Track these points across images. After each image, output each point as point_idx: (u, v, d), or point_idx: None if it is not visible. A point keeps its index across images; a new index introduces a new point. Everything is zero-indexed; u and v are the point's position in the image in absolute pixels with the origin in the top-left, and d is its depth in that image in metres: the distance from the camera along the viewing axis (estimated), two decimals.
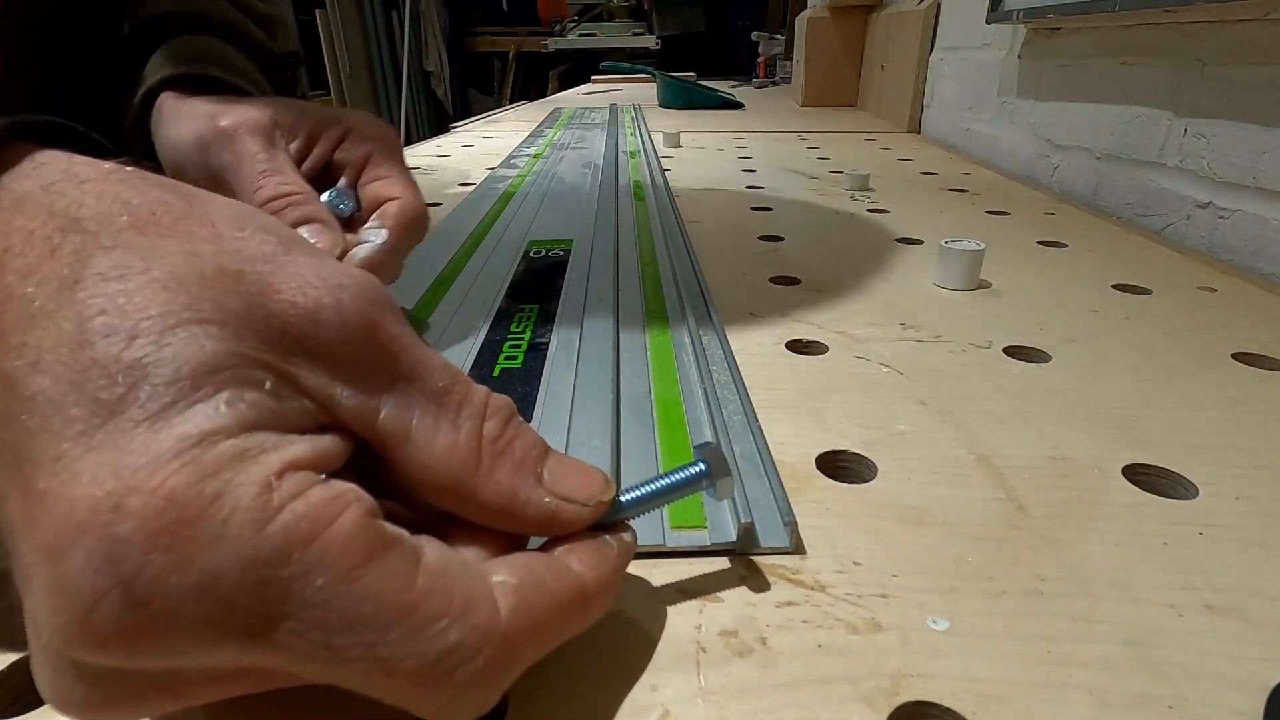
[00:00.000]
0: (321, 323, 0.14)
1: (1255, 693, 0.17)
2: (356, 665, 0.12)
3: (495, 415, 0.16)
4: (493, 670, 0.14)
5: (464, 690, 0.13)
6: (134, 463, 0.11)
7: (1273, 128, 0.51)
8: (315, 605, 0.12)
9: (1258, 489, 0.25)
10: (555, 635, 0.15)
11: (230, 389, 0.13)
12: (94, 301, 0.12)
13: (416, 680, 0.13)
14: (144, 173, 0.15)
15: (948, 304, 0.42)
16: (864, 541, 0.22)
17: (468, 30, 4.23)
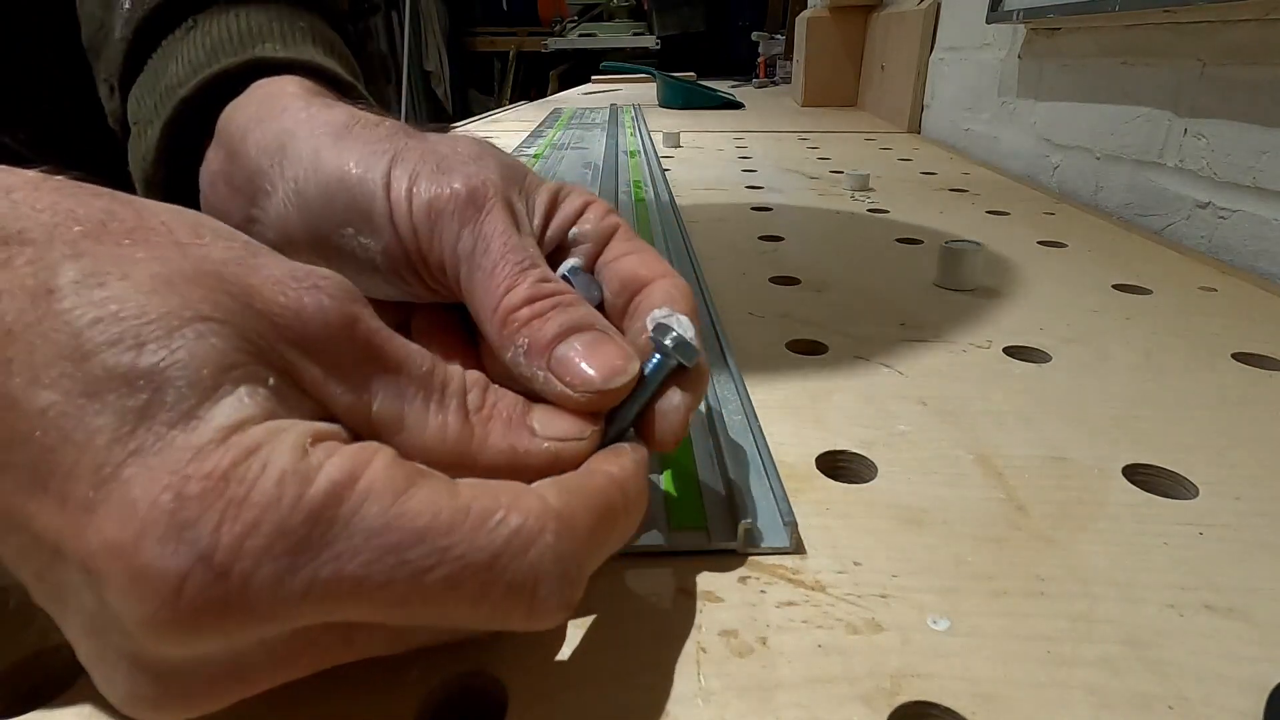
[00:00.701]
0: (307, 320, 0.15)
1: (1255, 693, 0.17)
2: (435, 575, 0.13)
3: (474, 387, 0.17)
4: (564, 550, 0.14)
5: (542, 581, 0.14)
6: (181, 457, 0.12)
7: (1273, 128, 0.51)
8: (377, 531, 0.13)
9: (1258, 489, 0.25)
10: (608, 523, 0.16)
11: (246, 384, 0.13)
12: (81, 311, 0.12)
13: (497, 575, 0.13)
14: (76, 181, 0.15)
15: (948, 304, 0.42)
16: (864, 541, 0.22)
17: (468, 30, 4.23)
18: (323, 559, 0.12)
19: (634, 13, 4.11)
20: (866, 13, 1.44)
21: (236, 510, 0.12)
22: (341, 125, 0.22)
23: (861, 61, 1.49)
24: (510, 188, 0.21)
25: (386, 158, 0.20)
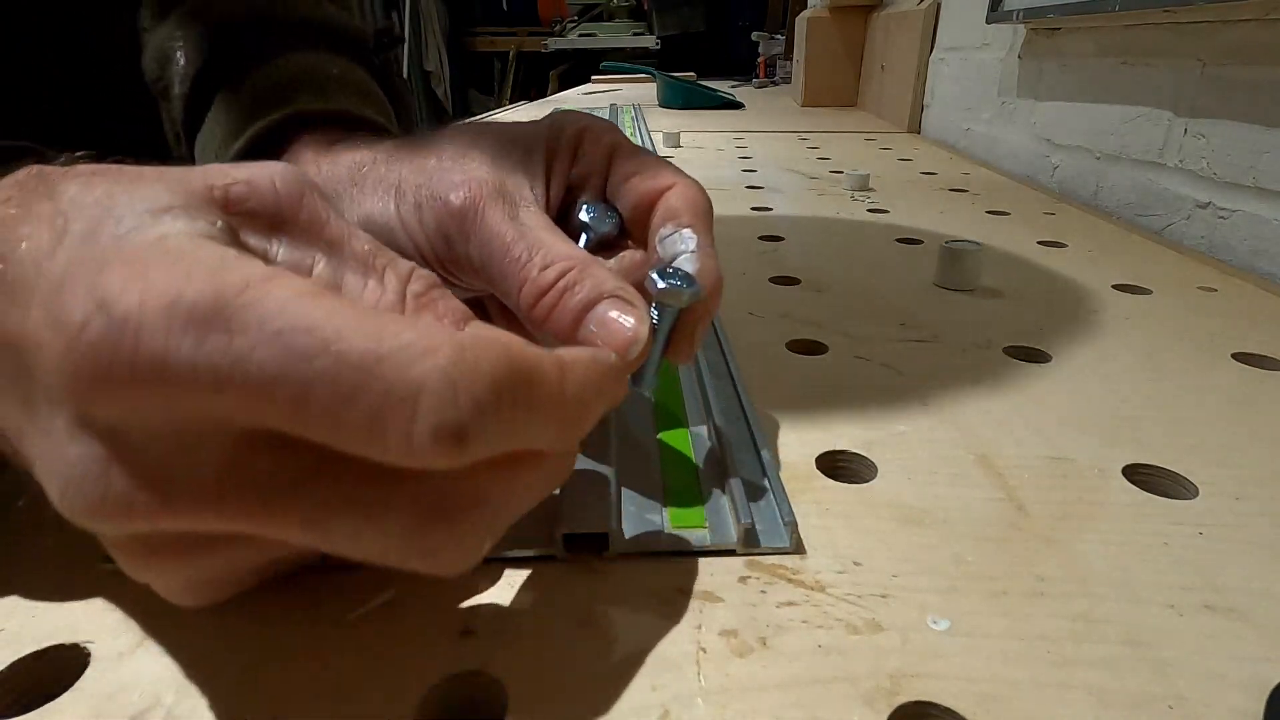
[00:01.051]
0: (256, 189, 0.16)
1: (1255, 693, 0.17)
2: (315, 364, 0.13)
3: (420, 279, 0.17)
4: (456, 375, 0.13)
5: (425, 395, 0.13)
6: (111, 255, 0.14)
7: (1273, 128, 0.51)
8: (272, 315, 0.13)
9: (1258, 489, 0.25)
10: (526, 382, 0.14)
11: (185, 217, 0.15)
12: (64, 190, 0.15)
13: (375, 377, 0.13)
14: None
15: (948, 304, 0.42)
16: (864, 541, 0.22)
17: (468, 30, 4.23)
18: (214, 330, 0.13)
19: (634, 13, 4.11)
20: (866, 13, 1.44)
21: (145, 280, 0.13)
22: (347, 178, 0.24)
23: (861, 61, 1.49)
24: (501, 173, 0.22)
25: (392, 194, 0.23)
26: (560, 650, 0.18)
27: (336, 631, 0.19)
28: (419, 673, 0.17)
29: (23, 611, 0.19)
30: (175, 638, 0.19)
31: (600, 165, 0.24)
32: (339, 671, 0.18)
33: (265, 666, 0.18)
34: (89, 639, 0.18)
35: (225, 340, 0.12)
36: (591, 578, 0.21)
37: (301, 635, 0.19)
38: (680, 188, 0.23)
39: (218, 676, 0.17)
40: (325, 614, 0.19)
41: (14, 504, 0.17)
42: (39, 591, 0.20)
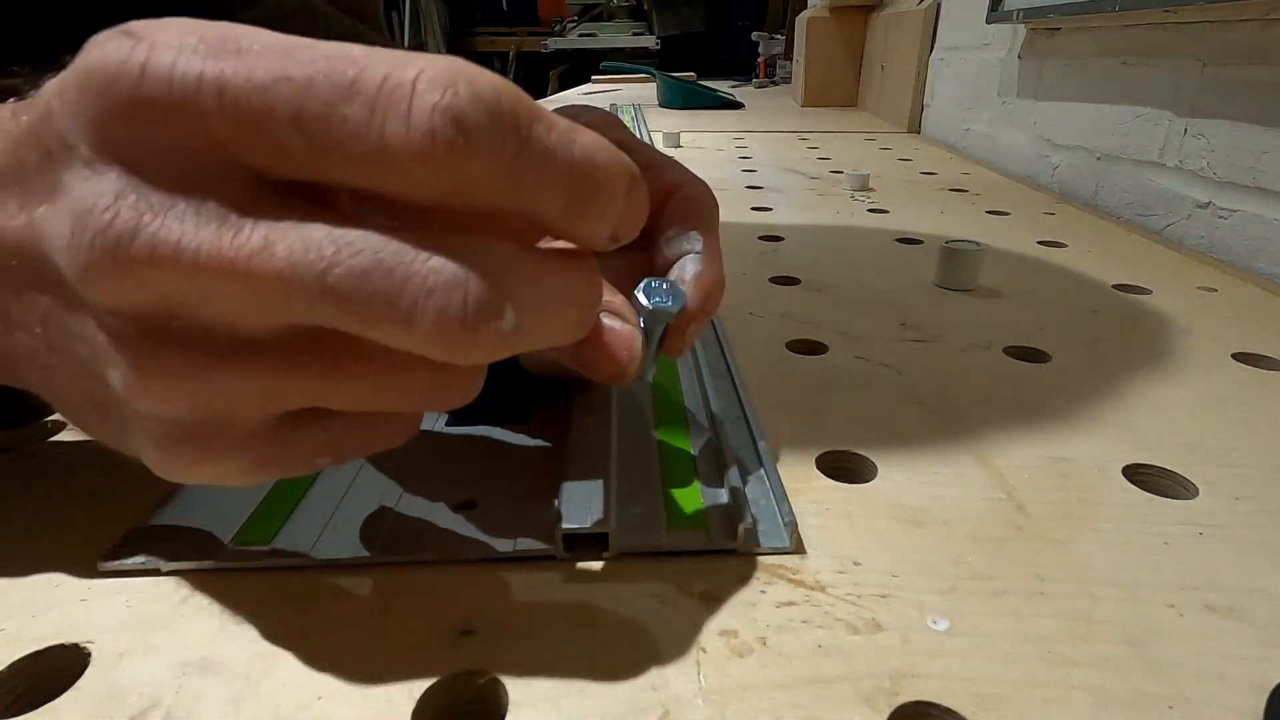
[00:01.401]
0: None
1: (1255, 693, 0.17)
2: (314, 64, 0.13)
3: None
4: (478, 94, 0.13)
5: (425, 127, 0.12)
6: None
7: (1273, 128, 0.51)
8: (288, 40, 0.13)
9: (1258, 489, 0.25)
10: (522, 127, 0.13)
11: None
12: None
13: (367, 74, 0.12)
14: None
15: (948, 304, 0.42)
16: (864, 541, 0.22)
17: (468, 30, 4.23)
18: (225, 51, 0.13)
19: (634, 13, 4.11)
20: (866, 13, 1.44)
21: (160, 23, 0.13)
22: None
23: (861, 61, 1.49)
24: None
25: None
26: (560, 650, 0.18)
27: (336, 631, 0.19)
28: (419, 673, 0.17)
29: (23, 611, 0.19)
30: (175, 638, 0.19)
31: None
32: (339, 671, 0.18)
33: (265, 667, 0.18)
34: (89, 639, 0.18)
35: (232, 57, 0.13)
36: (591, 578, 0.21)
37: (301, 635, 0.19)
38: (687, 189, 0.23)
39: (217, 676, 0.17)
40: (325, 614, 0.19)
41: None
42: (39, 591, 0.20)
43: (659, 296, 0.21)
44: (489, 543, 0.21)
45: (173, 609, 0.19)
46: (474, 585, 0.20)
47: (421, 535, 0.22)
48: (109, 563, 0.21)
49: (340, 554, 0.21)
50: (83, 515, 0.23)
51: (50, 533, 0.22)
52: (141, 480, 0.24)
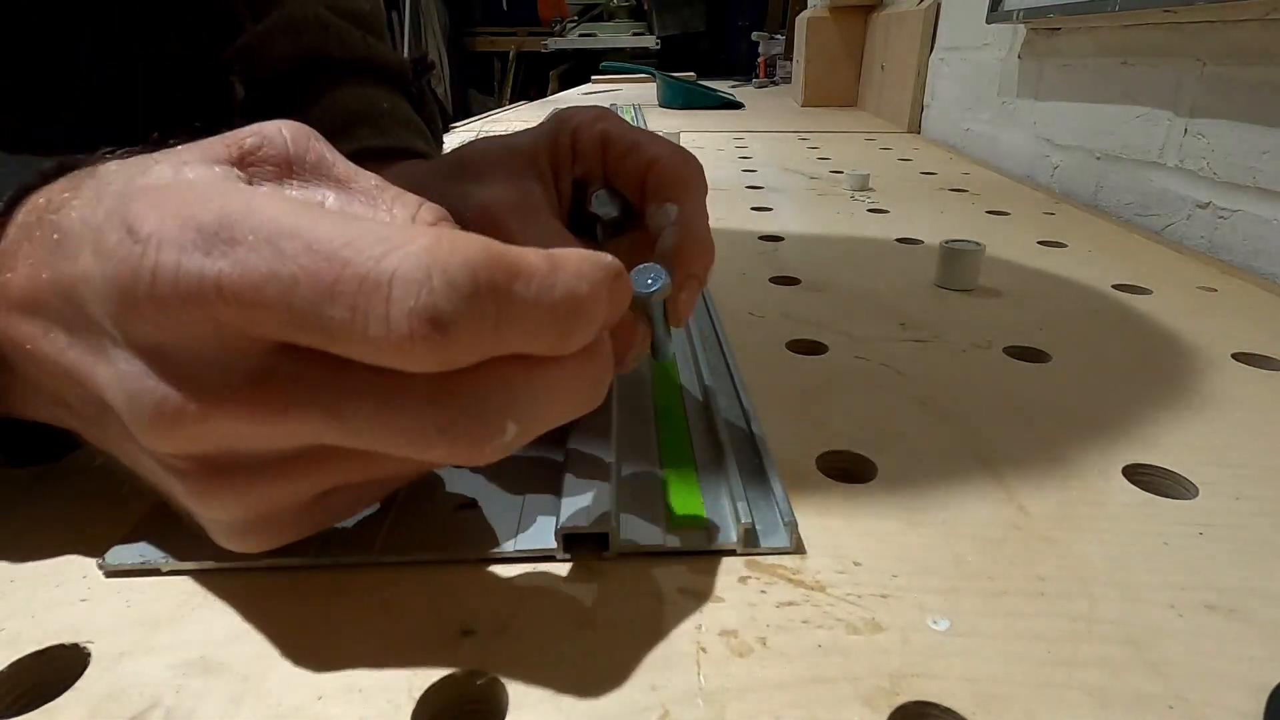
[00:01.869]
0: (266, 138, 0.17)
1: (1255, 693, 0.17)
2: (298, 261, 0.13)
3: (430, 211, 0.18)
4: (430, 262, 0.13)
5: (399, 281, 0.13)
6: (138, 193, 0.15)
7: (1273, 128, 0.51)
8: (265, 222, 0.14)
9: (1258, 489, 0.25)
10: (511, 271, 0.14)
11: (204, 163, 0.16)
12: (104, 169, 0.17)
13: (348, 266, 0.13)
14: None
15: (948, 304, 0.42)
16: (864, 541, 0.22)
17: (468, 30, 4.23)
18: (218, 243, 0.14)
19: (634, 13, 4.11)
20: (866, 13, 1.44)
21: (163, 207, 0.14)
22: None
23: (861, 61, 1.49)
24: (513, 188, 0.23)
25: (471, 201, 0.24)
26: (560, 650, 0.18)
27: (336, 631, 0.19)
28: (419, 673, 0.17)
29: (23, 611, 0.19)
30: (175, 638, 0.19)
31: (596, 156, 0.25)
32: (339, 671, 0.18)
33: (265, 667, 0.18)
34: (89, 639, 0.18)
35: (226, 250, 0.14)
36: (591, 578, 0.21)
37: (301, 635, 0.19)
38: (663, 161, 0.24)
39: (217, 676, 0.17)
40: (325, 614, 0.19)
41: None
42: (39, 591, 0.20)
43: (648, 279, 0.21)
44: (489, 543, 0.21)
45: (173, 609, 0.19)
46: (474, 585, 0.20)
47: (421, 535, 0.22)
48: (109, 563, 0.21)
49: (340, 554, 0.21)
50: (83, 515, 0.23)
51: (50, 533, 0.22)
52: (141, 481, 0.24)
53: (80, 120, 0.35)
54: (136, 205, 0.15)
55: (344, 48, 0.35)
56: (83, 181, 0.17)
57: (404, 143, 0.33)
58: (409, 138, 0.34)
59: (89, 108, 0.35)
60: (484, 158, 0.25)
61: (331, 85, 0.34)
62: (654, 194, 0.24)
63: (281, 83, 0.35)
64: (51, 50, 0.33)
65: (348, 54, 0.35)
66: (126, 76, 0.36)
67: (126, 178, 0.16)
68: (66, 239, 0.16)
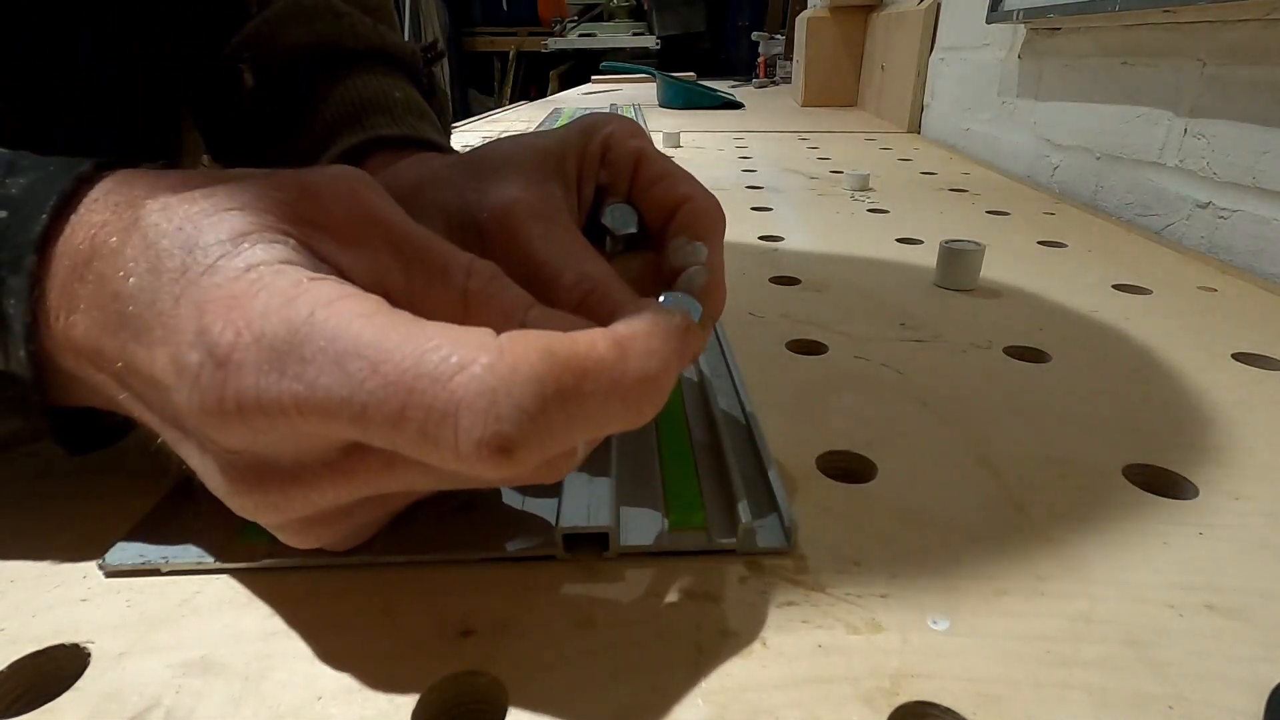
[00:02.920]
0: (313, 193, 0.17)
1: (1255, 693, 0.17)
2: (367, 387, 0.14)
3: (478, 274, 0.18)
4: (493, 383, 0.14)
5: (465, 408, 0.13)
6: (207, 291, 0.15)
7: (1273, 128, 0.51)
8: (330, 340, 0.14)
9: (1258, 489, 0.25)
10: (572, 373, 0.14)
11: (262, 243, 0.16)
12: (149, 220, 0.17)
13: (416, 397, 0.14)
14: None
15: (948, 304, 0.42)
16: (864, 541, 0.22)
17: (468, 30, 4.23)
18: (290, 361, 0.14)
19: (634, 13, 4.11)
20: (866, 13, 1.44)
21: (236, 320, 0.15)
22: (411, 194, 0.25)
23: (861, 61, 1.49)
24: (535, 189, 0.23)
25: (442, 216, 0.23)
26: (560, 650, 0.18)
27: (336, 631, 0.19)
28: (419, 673, 0.17)
29: (23, 611, 0.19)
30: (175, 638, 0.19)
31: (626, 171, 0.25)
32: (339, 671, 0.18)
33: (265, 667, 0.18)
34: (89, 639, 0.18)
35: (299, 371, 0.14)
36: (591, 578, 0.21)
37: (301, 635, 0.19)
38: (697, 201, 0.24)
39: (217, 677, 0.17)
40: (325, 614, 0.19)
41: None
42: (39, 591, 0.20)
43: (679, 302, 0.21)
44: (489, 543, 0.21)
45: (173, 609, 0.19)
46: (474, 585, 0.20)
47: (421, 535, 0.22)
48: (109, 563, 0.21)
49: (340, 554, 0.21)
50: (83, 515, 0.23)
51: (50, 533, 0.22)
52: (141, 480, 0.24)
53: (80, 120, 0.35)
54: (209, 318, 0.15)
55: (356, 36, 0.35)
56: (125, 227, 0.17)
57: (418, 132, 0.33)
58: (423, 127, 0.33)
59: (89, 107, 0.35)
60: (506, 157, 0.25)
61: (344, 74, 0.34)
62: (683, 229, 0.24)
63: (292, 71, 0.34)
64: (51, 50, 0.33)
65: (360, 43, 0.35)
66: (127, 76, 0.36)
67: (181, 256, 0.16)
68: (132, 319, 0.16)
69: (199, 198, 0.17)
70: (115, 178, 0.19)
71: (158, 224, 0.17)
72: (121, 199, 0.18)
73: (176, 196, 0.17)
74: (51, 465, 0.26)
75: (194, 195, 0.17)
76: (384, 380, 0.14)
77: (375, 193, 0.18)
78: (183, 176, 0.18)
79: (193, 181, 0.18)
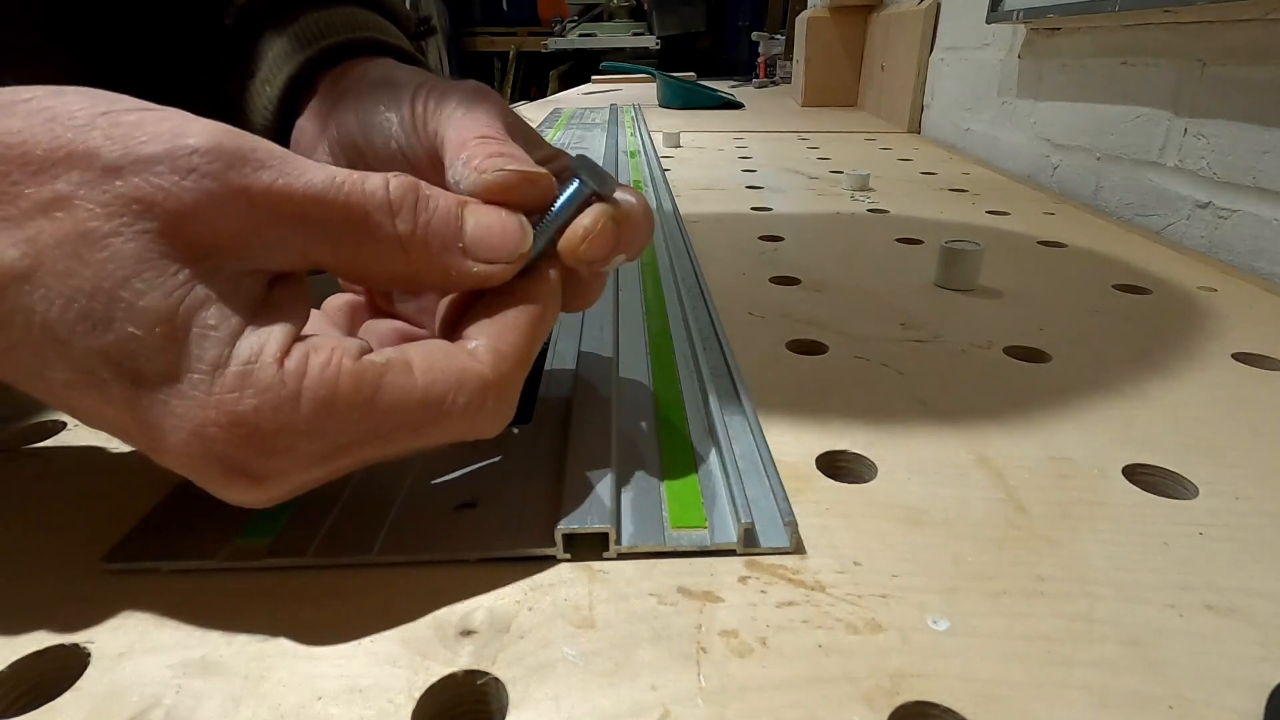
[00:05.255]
0: (201, 215, 0.16)
1: (1255, 693, 0.17)
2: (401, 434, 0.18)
3: (402, 209, 0.18)
4: (504, 394, 0.19)
5: (485, 425, 0.19)
6: (186, 409, 0.16)
7: (1273, 128, 0.51)
8: (358, 419, 0.17)
9: (1258, 489, 0.25)
10: (533, 351, 0.20)
11: (195, 312, 0.16)
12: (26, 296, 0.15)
13: (453, 434, 0.19)
14: None
15: (948, 304, 0.42)
16: (864, 541, 0.22)
17: (468, 30, 4.23)
18: (325, 449, 0.17)
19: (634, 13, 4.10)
20: (866, 13, 1.44)
21: (240, 435, 0.16)
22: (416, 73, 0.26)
23: (861, 61, 1.49)
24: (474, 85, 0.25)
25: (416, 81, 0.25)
26: (560, 650, 0.18)
27: (336, 631, 0.19)
28: (419, 673, 0.17)
29: (23, 611, 0.19)
30: (175, 638, 0.19)
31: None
32: (339, 671, 0.18)
33: (265, 667, 0.18)
34: (89, 639, 0.18)
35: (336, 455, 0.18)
36: (591, 578, 0.21)
37: (301, 635, 0.19)
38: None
39: (217, 676, 0.17)
40: (325, 614, 0.19)
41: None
42: (39, 591, 0.20)
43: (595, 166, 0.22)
44: (489, 543, 0.21)
45: (173, 609, 0.19)
46: (474, 585, 0.20)
47: (421, 535, 0.22)
48: (109, 563, 0.21)
49: (340, 554, 0.21)
50: (83, 515, 0.23)
51: (50, 533, 0.22)
52: (141, 480, 0.24)
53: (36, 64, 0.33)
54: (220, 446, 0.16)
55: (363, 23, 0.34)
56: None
57: (402, 45, 0.32)
58: (408, 44, 0.33)
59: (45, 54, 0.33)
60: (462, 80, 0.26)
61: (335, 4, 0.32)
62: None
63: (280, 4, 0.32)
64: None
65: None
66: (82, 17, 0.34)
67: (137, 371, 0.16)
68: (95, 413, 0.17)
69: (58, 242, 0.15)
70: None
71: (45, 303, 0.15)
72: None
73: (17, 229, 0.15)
74: (51, 465, 0.26)
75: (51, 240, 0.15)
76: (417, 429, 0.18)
77: (249, 171, 0.16)
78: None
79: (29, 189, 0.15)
